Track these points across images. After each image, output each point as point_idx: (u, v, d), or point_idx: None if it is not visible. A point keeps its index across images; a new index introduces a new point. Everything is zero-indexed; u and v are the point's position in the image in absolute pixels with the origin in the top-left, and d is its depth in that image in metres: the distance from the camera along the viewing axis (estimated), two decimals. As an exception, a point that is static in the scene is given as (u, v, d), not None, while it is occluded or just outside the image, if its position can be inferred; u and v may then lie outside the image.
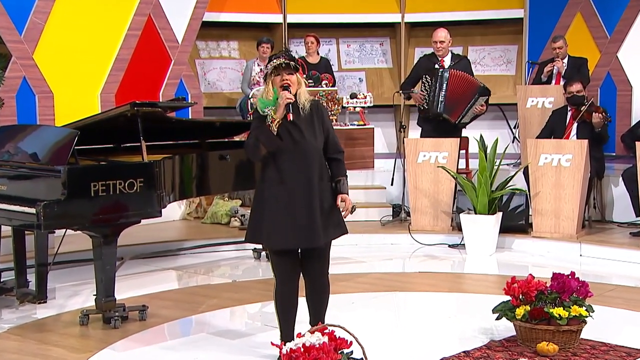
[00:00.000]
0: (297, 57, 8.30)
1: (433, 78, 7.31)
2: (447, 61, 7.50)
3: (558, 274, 4.23)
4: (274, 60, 3.78)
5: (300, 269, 3.90)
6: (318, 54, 8.98)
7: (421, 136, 7.60)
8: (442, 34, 7.45)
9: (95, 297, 4.73)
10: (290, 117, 3.70)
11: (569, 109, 7.17)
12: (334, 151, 3.93)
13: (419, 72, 7.53)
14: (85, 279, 5.69)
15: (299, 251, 3.88)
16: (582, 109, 7.01)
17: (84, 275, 5.75)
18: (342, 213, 3.92)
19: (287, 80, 3.74)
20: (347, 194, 3.91)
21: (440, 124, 7.41)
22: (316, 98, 3.89)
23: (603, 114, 6.95)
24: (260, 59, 8.71)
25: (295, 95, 3.76)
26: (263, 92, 3.83)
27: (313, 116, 3.83)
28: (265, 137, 3.69)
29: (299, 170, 3.74)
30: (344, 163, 3.96)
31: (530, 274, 4.24)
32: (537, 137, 7.17)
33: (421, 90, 7.38)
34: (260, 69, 8.69)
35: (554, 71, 8.00)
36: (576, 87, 7.09)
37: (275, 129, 3.68)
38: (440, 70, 7.32)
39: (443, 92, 7.26)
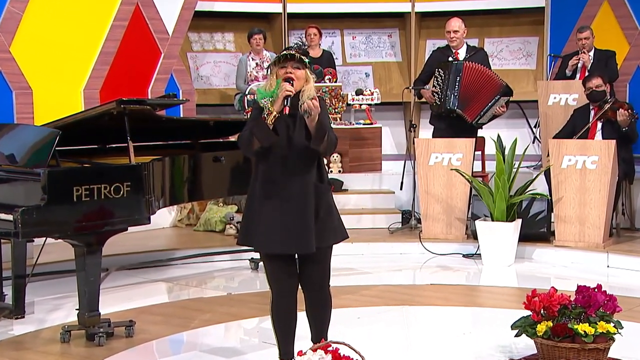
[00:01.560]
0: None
1: (446, 71, 7.31)
2: (461, 53, 7.48)
3: (583, 286, 4.21)
4: (283, 52, 3.80)
5: (298, 279, 3.88)
6: (320, 46, 8.98)
7: (433, 136, 7.60)
8: (456, 23, 7.45)
9: (77, 311, 4.72)
10: (287, 110, 3.66)
11: (591, 107, 7.16)
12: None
13: (432, 67, 7.52)
14: (67, 292, 5.68)
15: (296, 259, 3.87)
16: (605, 106, 6.99)
17: (66, 288, 5.75)
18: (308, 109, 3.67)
19: (291, 73, 3.74)
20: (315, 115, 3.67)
21: (455, 122, 7.39)
22: (319, 95, 3.87)
23: (629, 110, 6.91)
24: (253, 52, 8.71)
25: (298, 92, 3.75)
26: (265, 83, 3.84)
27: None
28: (260, 130, 3.67)
29: (294, 169, 3.73)
30: (329, 136, 3.73)
31: (553, 287, 4.23)
32: (554, 137, 7.15)
33: (433, 86, 7.38)
34: (256, 63, 8.69)
35: (579, 65, 7.99)
36: (595, 82, 7.07)
37: (271, 123, 3.66)
38: (454, 62, 7.32)
39: (457, 86, 7.25)
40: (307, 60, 3.80)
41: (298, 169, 3.73)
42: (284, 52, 3.80)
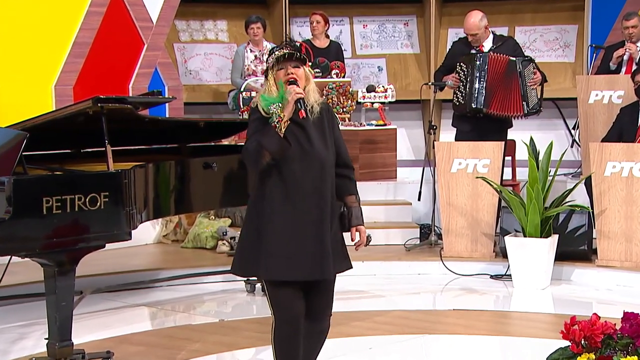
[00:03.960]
0: (300, 41, 8.37)
1: (469, 65, 7.33)
2: (487, 45, 7.50)
3: (630, 313, 4.19)
4: (276, 52, 3.88)
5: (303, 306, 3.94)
6: (327, 36, 9.00)
7: (456, 139, 7.60)
8: (474, 24, 7.40)
9: (47, 341, 4.71)
10: (303, 114, 3.76)
11: (641, 104, 7.17)
12: (344, 166, 3.99)
13: (454, 61, 7.54)
14: (34, 319, 5.67)
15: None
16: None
17: (33, 314, 5.74)
18: (354, 246, 3.97)
19: (293, 74, 3.83)
20: (363, 224, 3.99)
21: (481, 123, 7.41)
22: (325, 93, 3.95)
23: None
24: (252, 43, 8.73)
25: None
26: (265, 89, 3.91)
27: (323, 121, 3.90)
28: (270, 140, 3.73)
29: (310, 185, 3.80)
30: (355, 183, 4.03)
31: (595, 314, 4.21)
32: (602, 140, 7.15)
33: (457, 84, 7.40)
34: (255, 56, 8.71)
35: (625, 57, 7.99)
36: (646, 75, 7.09)
37: (283, 131, 3.74)
38: (478, 54, 7.32)
39: (482, 82, 7.26)
40: (300, 54, 3.87)
41: (314, 184, 3.81)
42: (278, 52, 3.88)
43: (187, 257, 7.50)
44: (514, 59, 7.34)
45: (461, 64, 7.38)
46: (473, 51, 7.43)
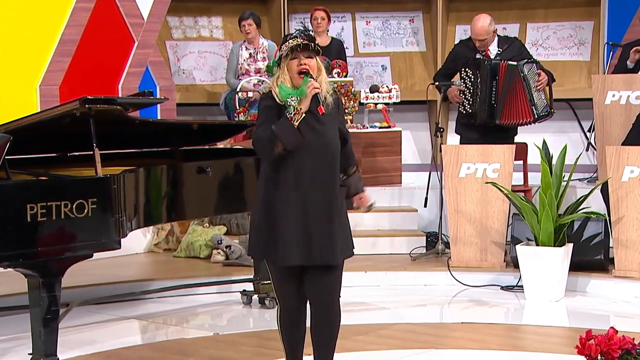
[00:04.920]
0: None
1: (477, 72, 7.38)
2: (492, 49, 7.55)
3: (649, 326, 4.19)
4: (290, 41, 4.12)
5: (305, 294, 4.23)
6: (328, 33, 8.99)
7: (461, 144, 7.61)
8: (482, 28, 7.42)
9: (31, 356, 4.71)
10: (322, 109, 4.05)
11: (661, 106, 7.17)
12: (343, 140, 4.28)
13: (456, 65, 7.59)
14: (17, 333, 5.66)
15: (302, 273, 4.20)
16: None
17: (17, 328, 5.72)
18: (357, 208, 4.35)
19: (305, 65, 4.08)
20: (363, 190, 4.37)
21: (489, 131, 7.49)
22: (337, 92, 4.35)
23: None
24: (247, 41, 8.73)
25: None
26: (275, 78, 4.16)
27: (334, 112, 4.19)
28: (285, 131, 3.99)
29: (322, 173, 4.10)
30: (353, 152, 4.41)
31: (612, 327, 4.20)
32: (623, 144, 7.15)
33: (461, 90, 7.43)
34: (250, 54, 8.71)
35: (644, 55, 7.99)
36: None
37: (297, 123, 4.01)
38: (487, 62, 7.35)
39: (493, 93, 7.31)
40: (313, 45, 4.14)
41: (323, 171, 4.12)
42: (293, 40, 4.11)
43: (179, 267, 7.49)
44: (514, 63, 7.38)
45: (467, 69, 7.43)
46: (478, 56, 7.47)
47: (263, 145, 4.06)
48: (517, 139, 7.77)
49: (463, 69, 7.46)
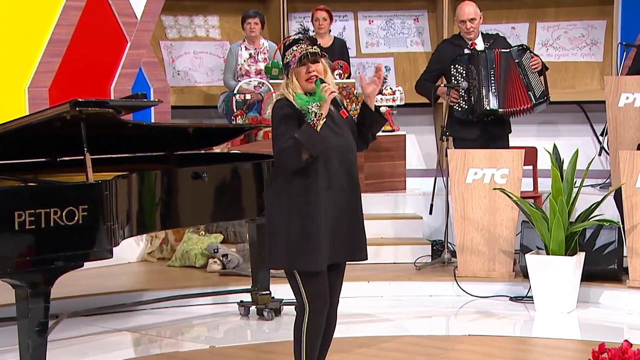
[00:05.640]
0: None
1: (470, 65, 7.48)
2: (479, 44, 7.71)
3: (665, 339, 4.18)
4: (295, 48, 4.34)
5: None
6: (330, 33, 8.99)
7: (455, 147, 7.62)
8: (470, 8, 7.68)
9: (19, 370, 4.71)
10: (345, 113, 4.40)
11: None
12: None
13: (443, 64, 7.70)
14: (4, 346, 5.66)
15: None
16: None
17: (4, 340, 5.72)
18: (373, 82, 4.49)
19: (314, 71, 4.32)
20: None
21: (488, 128, 7.57)
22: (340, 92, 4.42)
23: None
24: (248, 40, 8.73)
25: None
26: (285, 86, 4.35)
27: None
28: (311, 138, 4.19)
29: (345, 172, 4.37)
30: None
31: (627, 340, 4.21)
32: (638, 148, 7.13)
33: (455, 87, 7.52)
34: (250, 54, 8.71)
35: (659, 57, 7.99)
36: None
37: (319, 129, 4.22)
38: (480, 52, 7.50)
39: (493, 82, 7.37)
40: (318, 49, 4.38)
41: (347, 170, 4.38)
42: (298, 48, 4.33)
43: (174, 277, 7.48)
44: (507, 50, 7.55)
45: (456, 66, 7.52)
46: (467, 51, 7.55)
47: (290, 154, 4.22)
48: (526, 142, 7.79)
49: (452, 66, 7.56)
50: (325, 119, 4.25)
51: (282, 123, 4.28)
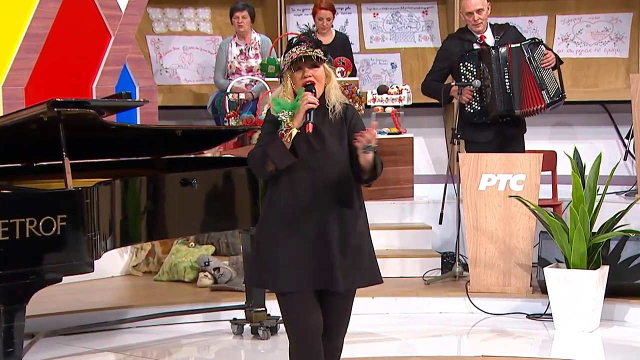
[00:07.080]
0: (300, 33, 8.39)
1: (481, 63, 7.44)
2: (488, 37, 7.64)
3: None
4: (294, 50, 4.17)
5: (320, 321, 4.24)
6: (332, 28, 8.99)
7: (467, 151, 7.62)
8: None
9: (-9, 394, 4.71)
10: (310, 128, 4.02)
11: None
12: None
13: (451, 62, 7.64)
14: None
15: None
16: None
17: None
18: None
19: (310, 77, 4.13)
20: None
21: (503, 129, 7.54)
22: (348, 101, 4.31)
23: None
24: (238, 36, 8.74)
25: (322, 95, 4.16)
26: (279, 91, 4.22)
27: (342, 123, 4.22)
28: (275, 149, 4.06)
29: (317, 188, 4.13)
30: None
31: (653, 361, 4.21)
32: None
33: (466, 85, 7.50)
34: (241, 50, 8.73)
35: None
36: None
37: (289, 141, 4.04)
38: (492, 49, 7.45)
39: (507, 81, 7.34)
40: (323, 54, 4.17)
41: (321, 187, 4.13)
42: (296, 49, 4.15)
43: (161, 292, 7.48)
44: (518, 44, 7.46)
45: (466, 64, 7.46)
46: (476, 46, 7.50)
47: (255, 162, 4.16)
48: (540, 146, 7.77)
49: (462, 64, 7.49)
50: (298, 131, 4.04)
51: (263, 128, 4.24)
